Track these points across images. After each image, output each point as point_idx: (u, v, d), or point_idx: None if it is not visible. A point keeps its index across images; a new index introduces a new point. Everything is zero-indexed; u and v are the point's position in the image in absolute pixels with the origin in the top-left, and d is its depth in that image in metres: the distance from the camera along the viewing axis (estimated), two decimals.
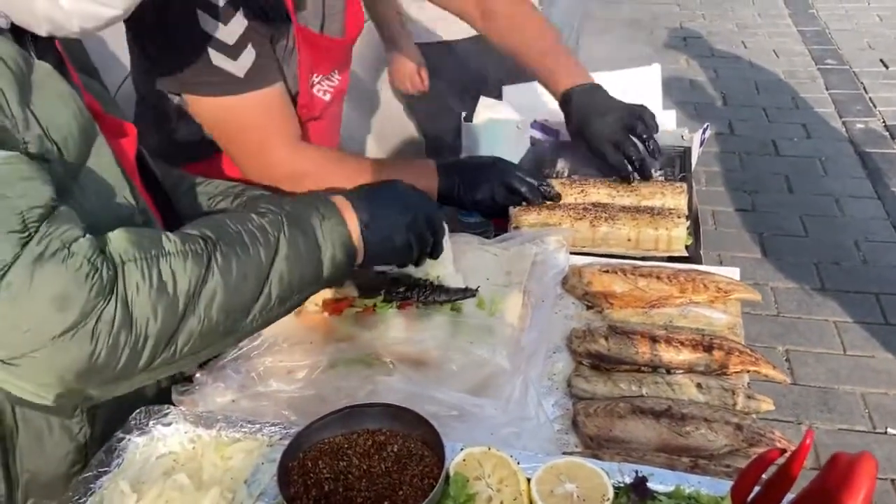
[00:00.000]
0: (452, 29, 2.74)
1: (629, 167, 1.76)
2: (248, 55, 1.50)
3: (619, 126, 1.76)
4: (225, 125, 1.59)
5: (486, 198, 1.68)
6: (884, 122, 5.09)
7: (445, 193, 1.68)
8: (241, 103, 1.54)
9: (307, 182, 1.55)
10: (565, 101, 1.85)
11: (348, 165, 1.67)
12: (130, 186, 1.12)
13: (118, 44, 1.70)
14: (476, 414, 1.15)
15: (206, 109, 1.57)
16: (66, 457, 1.16)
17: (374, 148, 3.59)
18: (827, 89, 5.58)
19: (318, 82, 1.75)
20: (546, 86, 1.93)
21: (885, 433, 2.90)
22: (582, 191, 1.76)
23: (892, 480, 2.73)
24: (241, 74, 1.50)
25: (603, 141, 1.77)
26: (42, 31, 1.03)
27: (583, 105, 1.81)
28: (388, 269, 1.38)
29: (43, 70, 1.01)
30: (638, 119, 1.77)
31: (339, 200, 1.17)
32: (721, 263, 3.28)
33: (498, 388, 1.20)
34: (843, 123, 5.12)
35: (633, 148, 1.76)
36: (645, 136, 1.77)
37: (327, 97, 1.80)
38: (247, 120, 1.58)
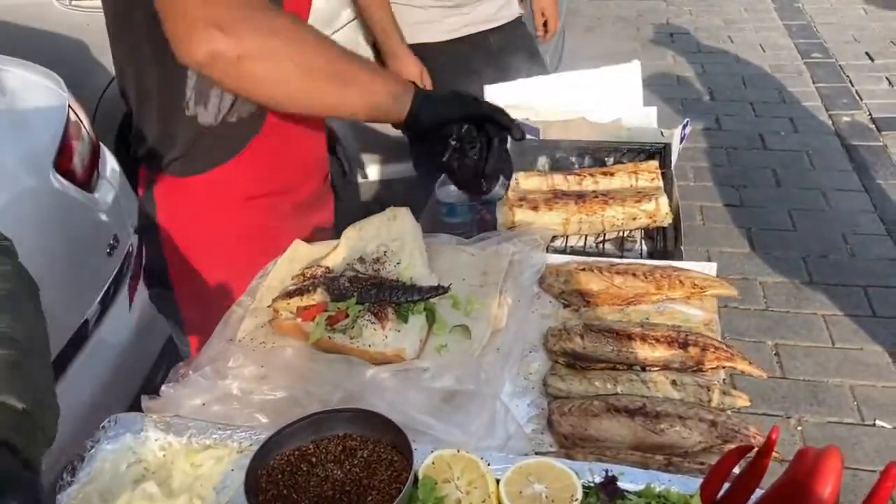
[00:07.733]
0: (434, 31, 2.74)
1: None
2: None
3: None
4: None
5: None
6: (870, 114, 5.10)
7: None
8: None
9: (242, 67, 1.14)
10: None
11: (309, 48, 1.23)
12: None
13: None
14: (445, 441, 1.11)
15: None
16: None
17: (360, 147, 3.58)
18: (813, 83, 5.59)
19: None
20: None
21: (874, 425, 2.90)
22: (565, 178, 1.82)
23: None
24: None
25: None
26: None
27: None
28: (362, 272, 1.37)
29: None
30: None
31: None
32: (709, 259, 3.25)
33: (462, 406, 1.16)
34: (830, 117, 5.12)
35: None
36: None
37: None
38: None
